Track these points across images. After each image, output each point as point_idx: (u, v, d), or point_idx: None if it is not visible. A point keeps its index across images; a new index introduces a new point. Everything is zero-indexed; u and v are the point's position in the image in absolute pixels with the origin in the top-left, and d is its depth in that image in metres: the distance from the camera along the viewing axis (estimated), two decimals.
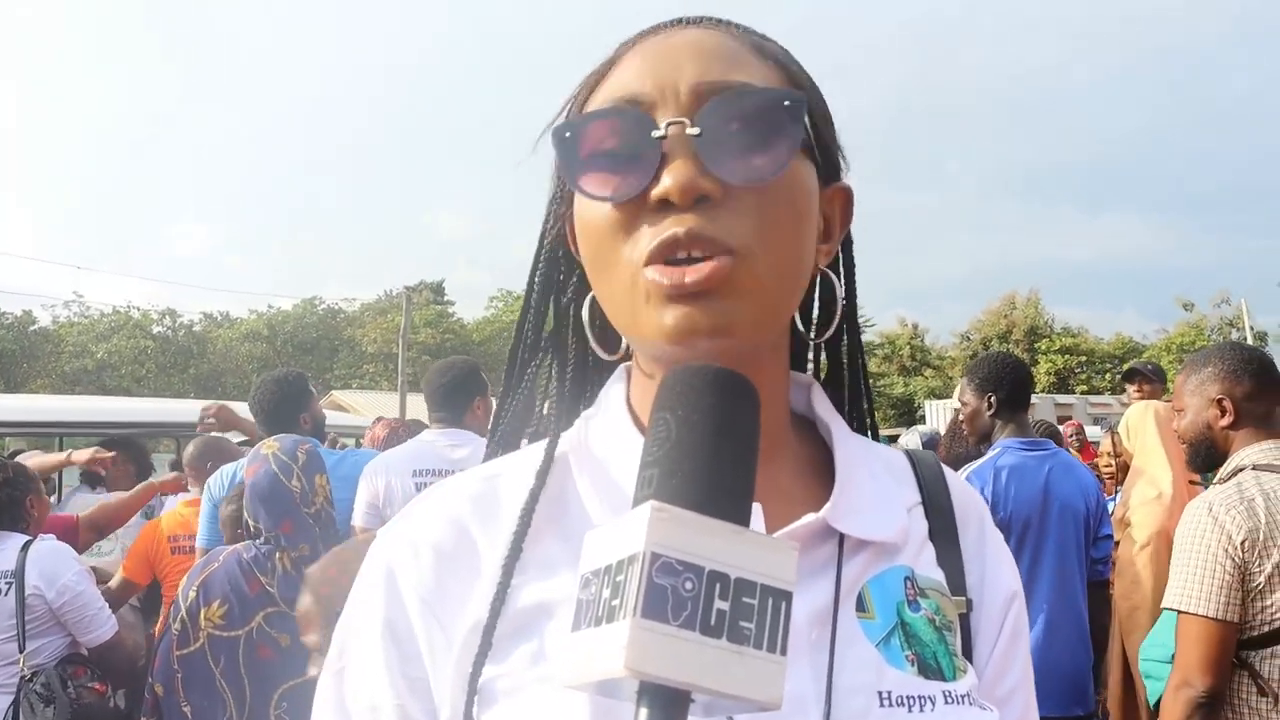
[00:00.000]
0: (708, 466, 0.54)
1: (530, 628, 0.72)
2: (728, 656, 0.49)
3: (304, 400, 4.22)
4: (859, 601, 0.75)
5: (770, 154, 0.71)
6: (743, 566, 0.51)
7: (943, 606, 0.79)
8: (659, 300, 0.71)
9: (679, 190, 0.69)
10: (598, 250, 0.75)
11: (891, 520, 0.79)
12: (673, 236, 0.70)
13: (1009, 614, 0.85)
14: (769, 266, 0.72)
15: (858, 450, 0.83)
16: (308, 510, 2.78)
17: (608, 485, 0.77)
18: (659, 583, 0.49)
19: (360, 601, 0.78)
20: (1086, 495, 3.66)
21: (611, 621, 0.49)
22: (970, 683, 0.77)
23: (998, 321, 49.07)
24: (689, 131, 0.71)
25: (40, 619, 3.56)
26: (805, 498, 0.79)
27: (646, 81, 0.74)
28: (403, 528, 0.80)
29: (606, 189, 0.73)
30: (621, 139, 0.73)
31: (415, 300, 46.26)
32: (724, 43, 0.76)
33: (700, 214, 0.70)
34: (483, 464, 0.84)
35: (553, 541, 0.75)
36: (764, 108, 0.72)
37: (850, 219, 0.86)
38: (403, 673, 0.74)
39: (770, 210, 0.72)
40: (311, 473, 2.84)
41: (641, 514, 0.50)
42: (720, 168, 0.70)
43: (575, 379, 0.87)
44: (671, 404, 0.57)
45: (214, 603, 2.72)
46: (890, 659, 0.73)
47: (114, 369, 46.42)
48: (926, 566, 0.81)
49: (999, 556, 0.87)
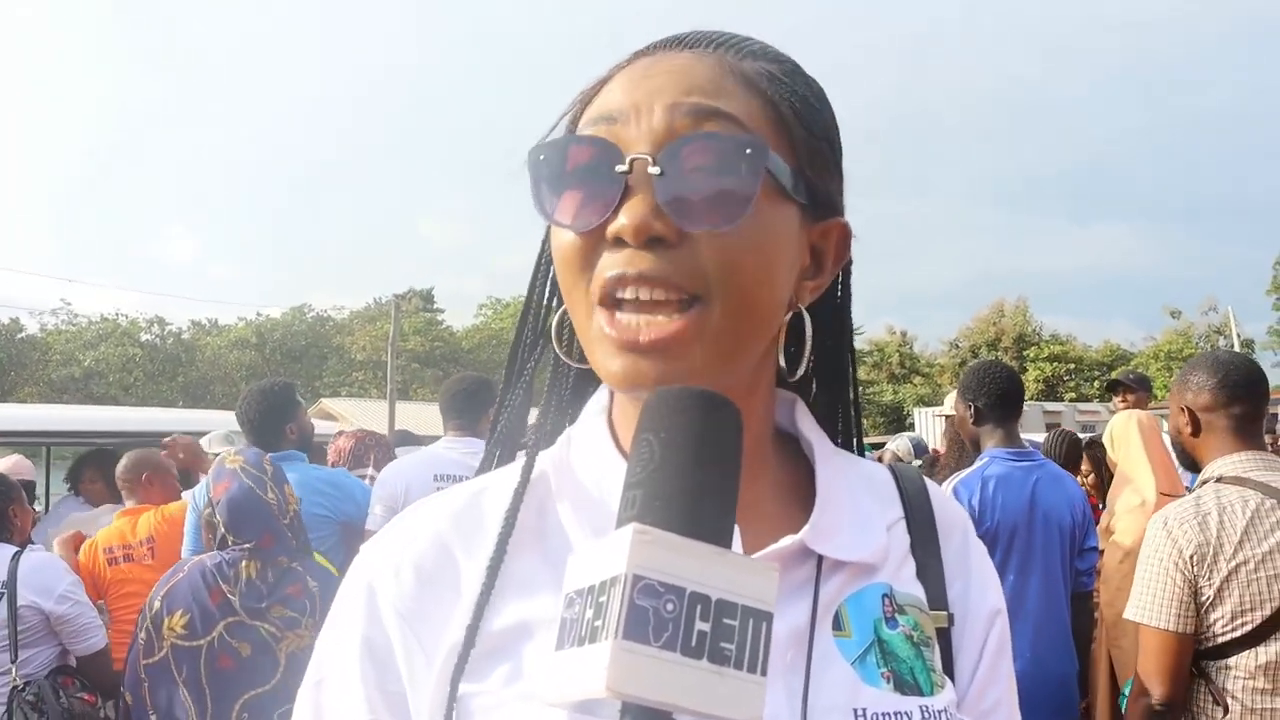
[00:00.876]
0: (690, 488, 0.54)
1: (510, 647, 0.72)
2: (708, 677, 0.49)
3: (290, 411, 4.20)
4: (836, 620, 0.76)
5: (728, 202, 0.70)
6: (724, 588, 0.51)
7: (921, 623, 0.79)
8: (611, 348, 0.72)
9: (632, 230, 0.70)
10: (563, 276, 0.76)
11: (870, 540, 0.80)
12: (620, 274, 0.71)
13: (992, 629, 0.86)
14: (725, 314, 0.72)
15: (840, 467, 0.84)
16: (284, 521, 2.79)
17: (587, 504, 0.77)
18: (641, 604, 0.49)
19: (340, 616, 0.79)
20: (1073, 506, 3.67)
21: (594, 642, 0.50)
22: (948, 698, 0.77)
23: (986, 329, 49.23)
24: (651, 170, 0.70)
25: (33, 629, 3.55)
26: (785, 517, 0.79)
27: (624, 111, 0.74)
28: (385, 544, 0.80)
29: (569, 216, 0.74)
30: (589, 168, 0.73)
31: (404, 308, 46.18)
32: (709, 72, 0.75)
33: (655, 254, 0.70)
34: (469, 480, 0.85)
35: (533, 560, 0.76)
36: (725, 153, 0.71)
37: (846, 253, 0.84)
38: (379, 687, 0.74)
39: (729, 256, 0.71)
40: (281, 483, 2.85)
41: (624, 536, 0.51)
42: (677, 212, 0.70)
43: (575, 384, 0.88)
44: (655, 426, 0.57)
45: (176, 612, 2.71)
46: (866, 677, 0.74)
47: (102, 377, 46.24)
48: (906, 582, 0.81)
49: (983, 572, 0.88)
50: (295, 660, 2.66)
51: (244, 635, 2.66)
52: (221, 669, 2.64)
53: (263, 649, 2.66)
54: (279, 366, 50.43)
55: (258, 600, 2.70)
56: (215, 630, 2.67)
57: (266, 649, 2.66)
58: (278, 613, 2.68)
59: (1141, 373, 6.81)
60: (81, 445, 6.43)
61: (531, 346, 0.87)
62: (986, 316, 49.96)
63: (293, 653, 2.67)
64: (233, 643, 2.65)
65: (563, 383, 0.88)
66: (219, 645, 2.65)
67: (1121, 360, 46.48)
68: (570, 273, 0.75)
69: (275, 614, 2.68)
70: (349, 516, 3.99)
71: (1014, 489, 3.56)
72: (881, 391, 48.36)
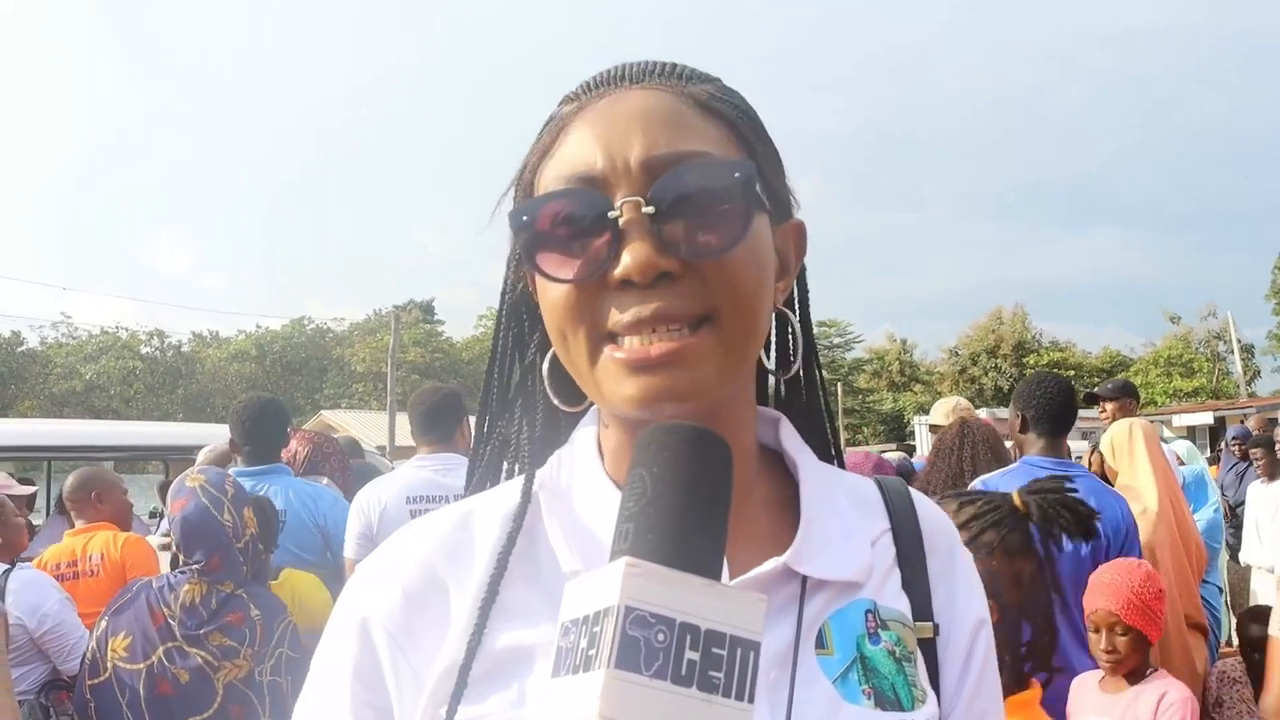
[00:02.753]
0: (681, 523, 0.56)
1: (505, 671, 0.74)
2: (697, 705, 0.51)
3: (285, 424, 4.24)
4: (819, 638, 0.77)
5: (726, 226, 0.73)
6: (713, 618, 0.53)
7: (903, 637, 0.81)
8: (622, 372, 0.73)
9: (639, 270, 0.71)
10: (560, 326, 0.77)
11: (854, 558, 0.81)
12: (636, 320, 0.72)
13: (978, 639, 0.87)
14: (734, 329, 0.74)
15: (825, 484, 0.85)
16: (238, 544, 2.72)
17: (576, 530, 0.79)
18: (632, 634, 0.51)
19: (331, 639, 0.80)
20: (1106, 520, 3.58)
21: (588, 670, 0.52)
22: (929, 712, 0.79)
23: (986, 336, 49.30)
24: (644, 210, 0.72)
25: (22, 649, 3.55)
26: (770, 537, 0.81)
27: (597, 157, 0.74)
28: (374, 568, 0.82)
29: (566, 270, 0.74)
30: (577, 220, 0.74)
31: (404, 320, 46.23)
32: (670, 106, 0.76)
33: (663, 289, 0.72)
34: (456, 502, 0.86)
35: (522, 585, 0.77)
36: (714, 179, 0.73)
37: (804, 251, 0.87)
38: (368, 704, 0.76)
39: (731, 276, 0.73)
40: (240, 505, 2.78)
41: (617, 569, 0.53)
42: (677, 245, 0.72)
43: (546, 424, 0.88)
44: (647, 461, 0.59)
45: (120, 634, 2.68)
46: (847, 695, 0.76)
47: (102, 390, 46.26)
48: (891, 596, 0.83)
49: (969, 582, 0.89)
50: (232, 690, 2.61)
51: (182, 662, 2.61)
52: (161, 695, 2.59)
53: (200, 677, 2.60)
54: (279, 379, 50.52)
55: (196, 626, 2.64)
56: (155, 654, 2.62)
57: (204, 677, 2.60)
58: (216, 640, 2.62)
59: (1124, 379, 6.50)
60: (82, 460, 6.43)
61: (500, 402, 0.89)
62: (985, 324, 50.04)
63: (230, 683, 2.61)
64: (171, 668, 2.60)
65: (534, 430, 0.87)
66: (158, 669, 2.61)
67: (1121, 367, 46.54)
68: (568, 322, 0.76)
69: (213, 642, 2.62)
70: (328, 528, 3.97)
71: None
72: (881, 400, 48.40)
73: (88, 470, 4.65)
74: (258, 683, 2.64)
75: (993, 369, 47.81)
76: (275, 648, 2.68)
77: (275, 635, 2.69)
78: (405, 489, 3.84)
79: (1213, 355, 45.34)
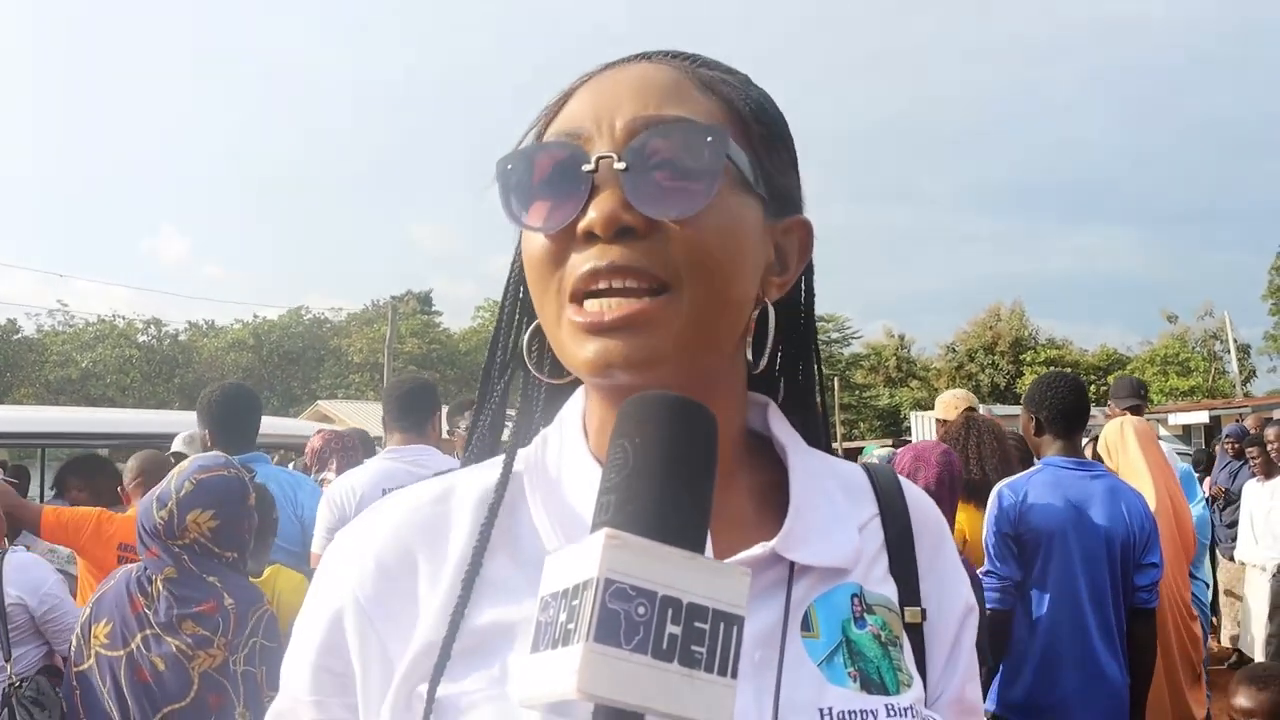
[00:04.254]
0: (663, 494, 0.55)
1: (486, 648, 0.73)
2: (679, 680, 0.50)
3: (258, 412, 4.24)
4: (805, 621, 0.77)
5: (692, 189, 0.73)
6: (695, 592, 0.52)
7: (889, 622, 0.81)
8: (579, 332, 0.74)
9: (602, 222, 0.72)
10: (535, 279, 0.78)
11: (841, 544, 0.81)
12: (592, 269, 0.73)
13: (965, 626, 0.88)
14: (693, 301, 0.73)
15: (813, 468, 0.85)
16: (172, 541, 2.67)
17: (560, 506, 0.78)
18: (612, 608, 0.50)
19: (306, 606, 0.81)
20: (1130, 519, 3.60)
21: (567, 645, 0.51)
22: (915, 695, 0.79)
23: (983, 333, 49.31)
24: (616, 166, 0.73)
25: (21, 629, 3.57)
26: (758, 523, 0.81)
27: (587, 117, 0.77)
28: (349, 538, 0.82)
29: (539, 219, 0.76)
30: (556, 172, 0.75)
31: (401, 310, 46.21)
32: (668, 77, 0.78)
33: (624, 246, 0.72)
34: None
35: (504, 561, 0.77)
36: (687, 143, 0.73)
37: (809, 251, 0.87)
38: (327, 669, 0.77)
39: (696, 243, 0.73)
40: (187, 508, 2.68)
41: (596, 540, 0.52)
42: (644, 202, 0.72)
43: (547, 398, 0.89)
44: (630, 431, 0.58)
45: (102, 620, 2.66)
46: (832, 677, 0.75)
47: (98, 378, 46.18)
48: (877, 581, 0.83)
49: (956, 570, 0.90)
50: (208, 679, 2.60)
51: (158, 649, 2.61)
52: (140, 682, 2.59)
53: (176, 665, 2.60)
54: (276, 368, 50.43)
55: (169, 613, 2.63)
56: (134, 641, 2.62)
57: (180, 665, 2.60)
58: (189, 629, 2.61)
59: (1137, 379, 6.45)
60: (78, 447, 6.43)
61: (504, 368, 0.89)
62: (983, 320, 50.05)
63: (205, 671, 2.60)
64: (149, 656, 2.60)
65: (533, 401, 0.89)
66: (137, 656, 2.60)
67: (1118, 364, 46.54)
68: (541, 274, 0.77)
69: (187, 630, 2.61)
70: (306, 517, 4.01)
71: (1061, 497, 3.56)
72: (878, 395, 48.43)
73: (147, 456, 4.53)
74: (232, 672, 2.63)
75: (990, 366, 47.82)
76: (250, 637, 2.66)
77: (249, 625, 2.67)
78: (381, 481, 3.82)
79: (1209, 355, 45.39)
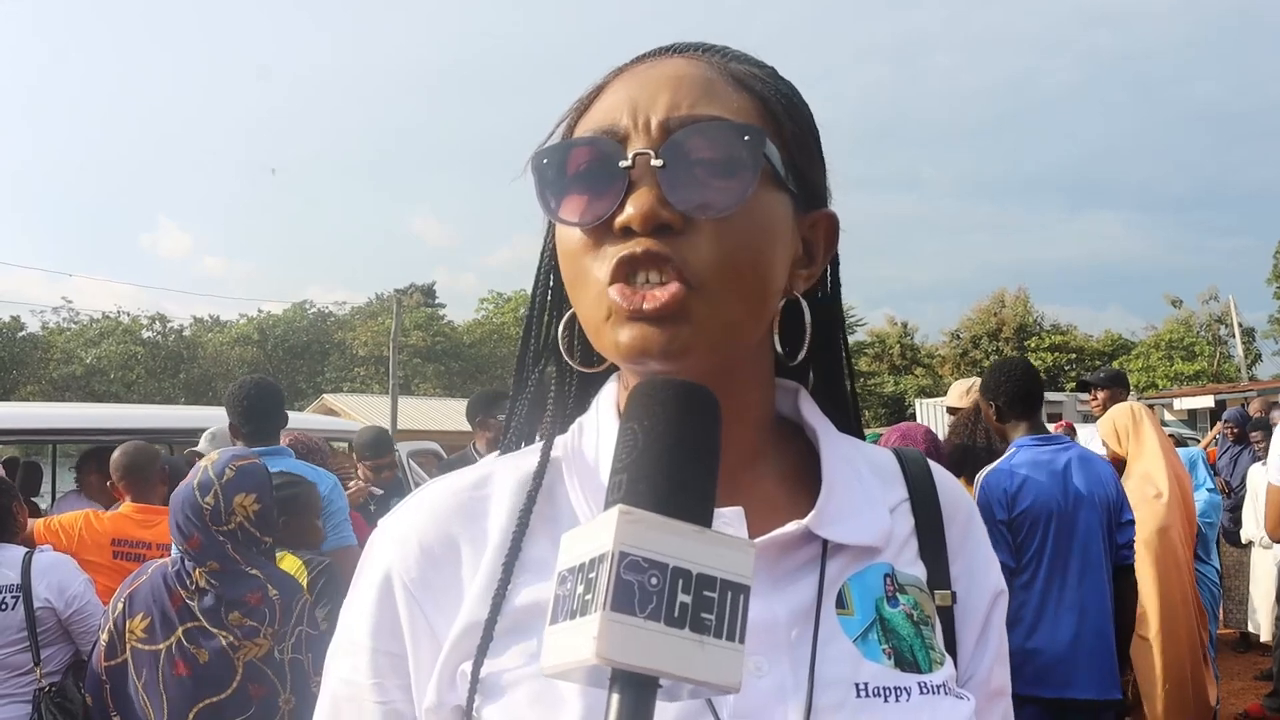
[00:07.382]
0: (670, 472, 0.59)
1: (525, 626, 0.76)
2: (690, 645, 0.54)
3: (283, 406, 4.27)
4: (839, 599, 0.79)
5: (729, 187, 0.75)
6: (704, 563, 0.55)
7: (921, 602, 0.83)
8: (617, 319, 0.76)
9: (640, 218, 0.74)
10: (571, 271, 0.80)
11: (874, 524, 0.83)
12: (630, 254, 0.74)
13: (994, 609, 0.90)
14: (726, 297, 0.75)
15: (844, 452, 0.87)
16: (218, 528, 2.69)
17: (597, 488, 0.81)
18: (627, 579, 0.54)
19: (355, 591, 0.84)
20: (1105, 483, 3.75)
21: (585, 614, 0.54)
22: (947, 673, 0.81)
23: (987, 320, 49.25)
24: (654, 163, 0.74)
25: (51, 630, 3.59)
26: (791, 503, 0.83)
27: (623, 113, 0.78)
28: (393, 524, 0.85)
29: (576, 214, 0.77)
30: (592, 167, 0.77)
31: (406, 303, 46.22)
32: (702, 74, 0.79)
33: (660, 240, 0.74)
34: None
35: (545, 542, 0.79)
36: (724, 142, 0.75)
37: (834, 244, 0.89)
38: (386, 651, 0.80)
39: (730, 241, 0.75)
40: (232, 492, 2.73)
41: (610, 516, 0.55)
42: (680, 199, 0.74)
43: (580, 386, 0.91)
44: (638, 415, 0.61)
45: (138, 615, 2.69)
46: (867, 653, 0.78)
47: (103, 374, 46.28)
48: (908, 563, 0.85)
49: (986, 554, 0.92)
50: (252, 669, 2.64)
51: (205, 642, 2.63)
52: (178, 675, 2.62)
53: (220, 657, 2.63)
54: (281, 362, 50.52)
55: (215, 605, 2.66)
56: (175, 634, 2.65)
57: (224, 657, 2.63)
58: (236, 620, 2.64)
59: (1117, 369, 6.47)
60: (87, 442, 6.46)
61: (537, 357, 0.90)
62: (987, 307, 49.99)
63: (250, 661, 2.64)
64: (191, 649, 2.63)
65: (567, 389, 0.91)
66: (176, 650, 2.63)
67: (1123, 350, 46.54)
68: (578, 267, 0.78)
69: (234, 622, 2.64)
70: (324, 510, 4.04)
71: (1046, 473, 3.67)
72: (883, 383, 48.38)
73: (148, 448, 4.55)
74: (278, 661, 2.67)
75: (994, 352, 47.74)
76: (295, 626, 2.71)
77: (294, 614, 2.72)
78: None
79: (1214, 339, 45.31)
